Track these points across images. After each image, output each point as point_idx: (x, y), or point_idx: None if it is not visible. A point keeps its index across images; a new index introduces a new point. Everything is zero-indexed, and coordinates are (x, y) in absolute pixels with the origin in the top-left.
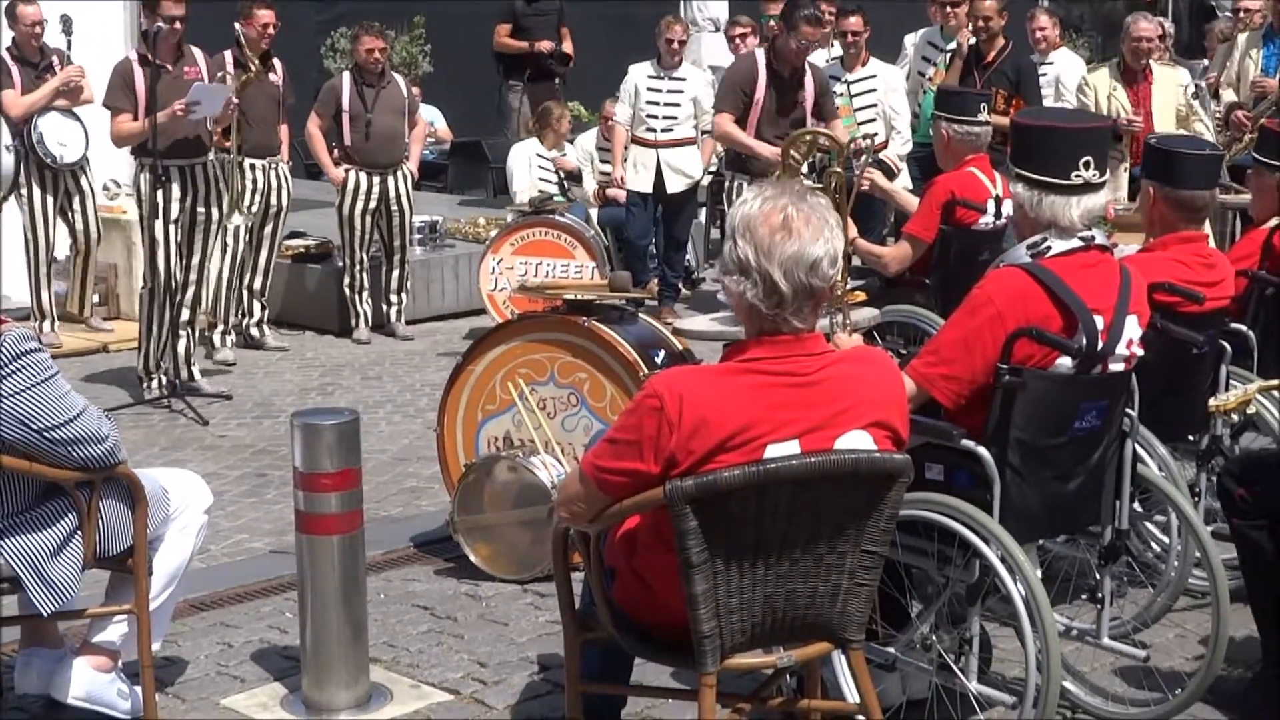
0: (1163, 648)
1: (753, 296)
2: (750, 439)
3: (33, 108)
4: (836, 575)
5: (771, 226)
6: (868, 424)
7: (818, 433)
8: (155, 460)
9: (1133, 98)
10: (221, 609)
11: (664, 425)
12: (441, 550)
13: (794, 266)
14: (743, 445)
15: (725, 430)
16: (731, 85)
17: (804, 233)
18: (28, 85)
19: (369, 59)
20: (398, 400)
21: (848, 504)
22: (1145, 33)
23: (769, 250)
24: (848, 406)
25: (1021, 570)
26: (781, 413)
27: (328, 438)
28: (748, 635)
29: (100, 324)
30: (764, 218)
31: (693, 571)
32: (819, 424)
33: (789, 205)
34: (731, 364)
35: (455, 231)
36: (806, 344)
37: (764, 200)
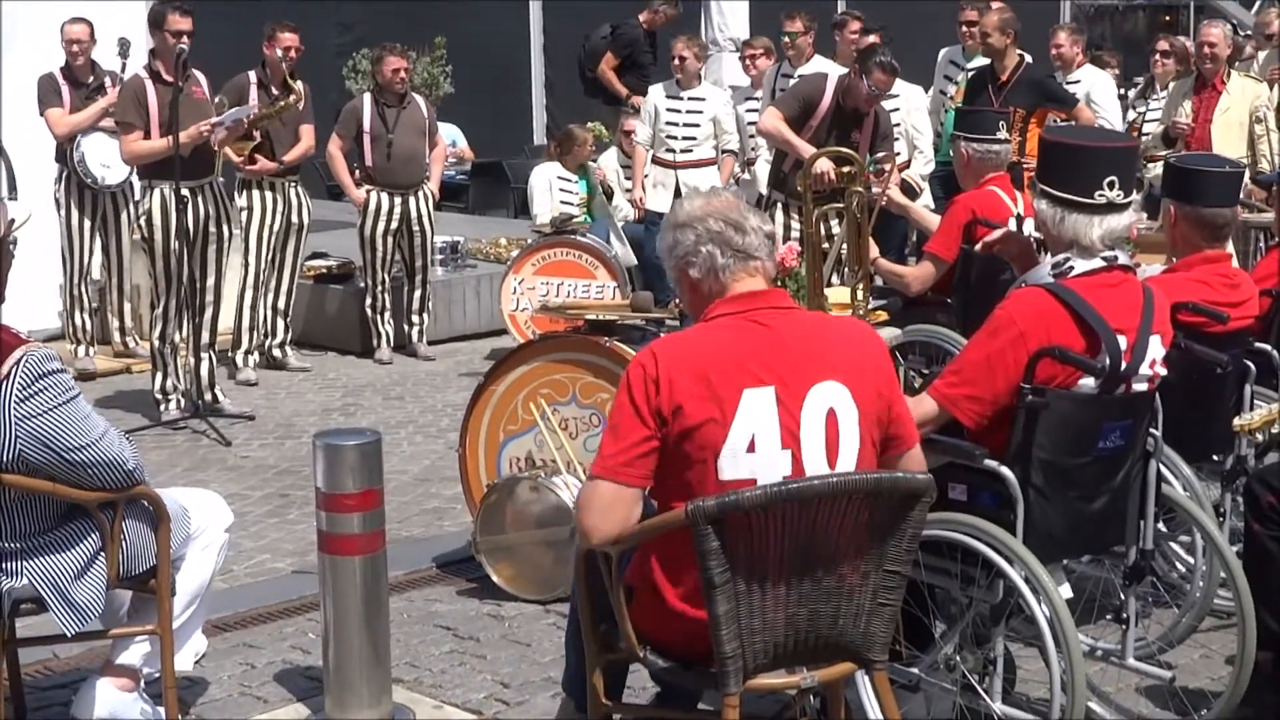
0: (1188, 668)
1: (708, 258)
2: (727, 385)
3: (77, 127)
4: (859, 595)
5: (703, 210)
6: (842, 376)
7: (792, 381)
8: (178, 481)
9: (1196, 104)
10: (244, 629)
11: (648, 384)
12: (464, 570)
13: (727, 225)
14: (720, 394)
15: (702, 376)
16: (796, 95)
17: (731, 207)
18: (77, 105)
19: (393, 79)
20: (419, 421)
21: (870, 523)
22: (1209, 39)
23: (704, 218)
24: (819, 355)
25: (1045, 591)
26: (754, 360)
27: (350, 458)
28: (770, 655)
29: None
30: (697, 209)
31: (715, 592)
32: (792, 371)
33: (714, 198)
34: (699, 324)
35: (477, 252)
36: (769, 298)
37: (697, 200)
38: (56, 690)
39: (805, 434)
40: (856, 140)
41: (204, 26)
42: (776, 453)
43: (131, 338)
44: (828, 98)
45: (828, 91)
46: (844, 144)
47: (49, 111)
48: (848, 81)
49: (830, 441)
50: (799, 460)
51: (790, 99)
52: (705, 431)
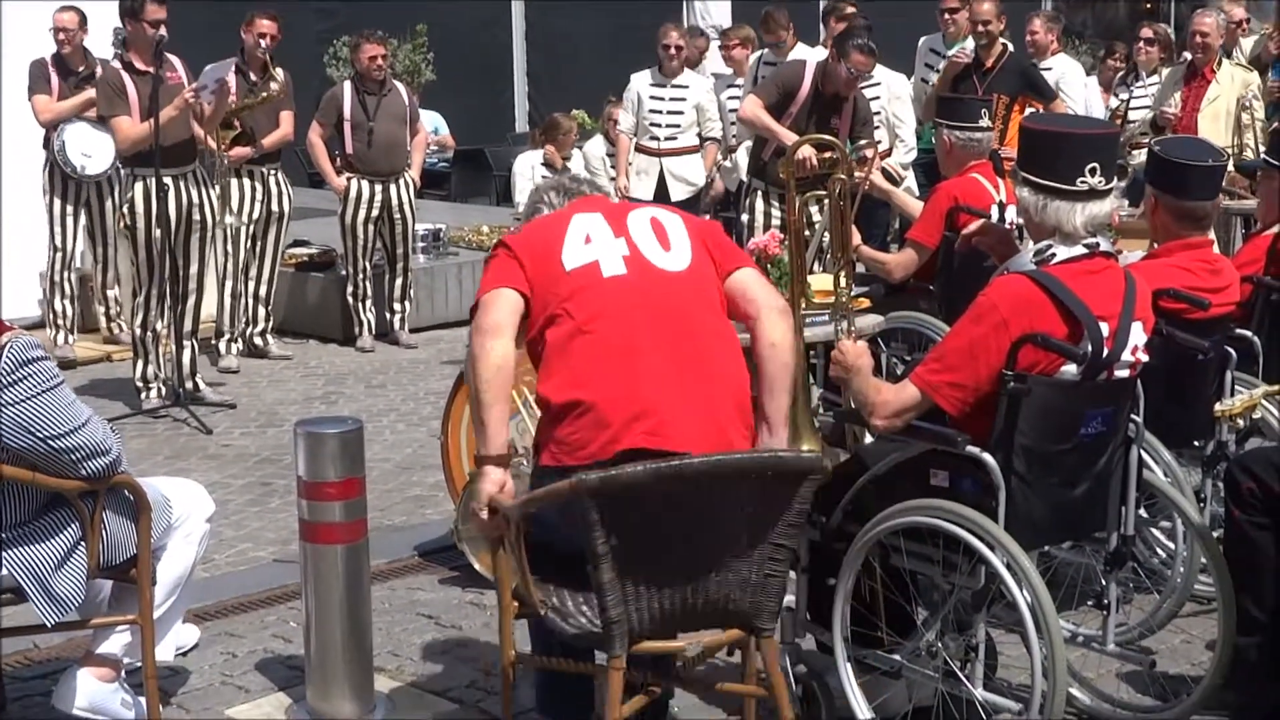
0: (1168, 653)
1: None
2: (557, 220)
3: (61, 115)
4: (746, 566)
5: None
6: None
7: (614, 212)
8: (159, 469)
9: (1185, 93)
10: (225, 618)
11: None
12: (446, 559)
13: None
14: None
15: (541, 221)
16: (775, 82)
17: None
18: (65, 93)
19: (370, 67)
20: (401, 409)
21: (750, 498)
22: (1201, 27)
23: None
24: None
25: (1027, 577)
26: (584, 204)
27: (331, 447)
28: (658, 621)
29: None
30: None
31: (599, 560)
32: (613, 209)
33: None
34: None
35: (459, 239)
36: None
37: None
38: (37, 680)
39: (633, 229)
40: (836, 126)
41: (183, 13)
42: (611, 240)
43: (117, 324)
44: (807, 84)
45: (807, 78)
46: (824, 130)
47: (35, 98)
48: (826, 66)
49: (659, 235)
50: (634, 245)
51: (770, 86)
52: (546, 247)
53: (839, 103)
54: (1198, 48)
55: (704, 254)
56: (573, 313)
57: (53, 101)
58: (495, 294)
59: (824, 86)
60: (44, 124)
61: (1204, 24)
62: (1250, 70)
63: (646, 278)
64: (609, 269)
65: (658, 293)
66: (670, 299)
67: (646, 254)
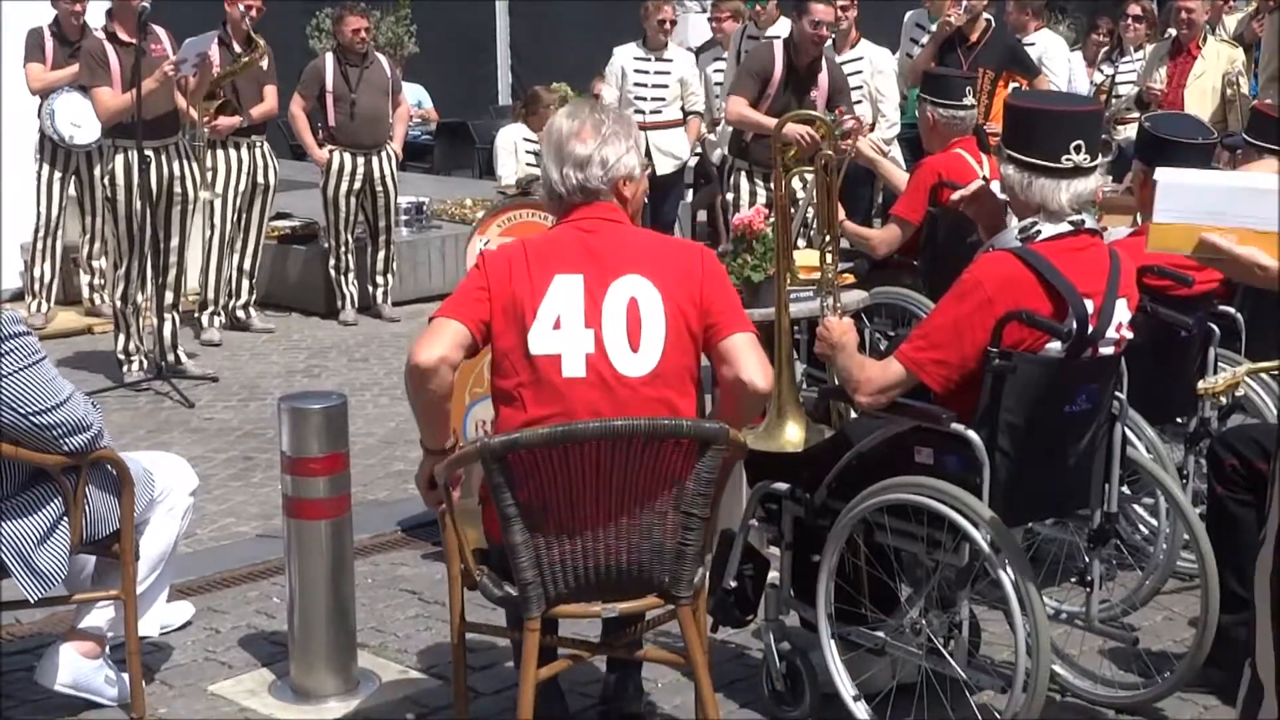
0: (1151, 630)
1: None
2: (542, 269)
3: (52, 85)
4: (658, 534)
5: (560, 136)
6: (647, 271)
7: (599, 272)
8: (141, 443)
9: (1171, 69)
10: (208, 594)
11: (484, 263)
12: (429, 534)
13: (569, 166)
14: (535, 275)
15: (523, 261)
16: (749, 73)
17: (581, 139)
18: (60, 62)
19: (354, 39)
20: (385, 383)
21: (656, 466)
22: (1186, 4)
23: (554, 154)
24: (628, 254)
25: (1011, 554)
26: (570, 252)
27: (315, 422)
28: (573, 586)
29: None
30: (560, 129)
31: (508, 523)
32: (600, 264)
33: (577, 117)
34: None
35: (442, 212)
36: (601, 209)
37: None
38: (19, 656)
39: (606, 318)
40: (814, 99)
41: None
42: (579, 330)
43: (99, 295)
44: (779, 63)
45: (777, 56)
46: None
47: (29, 66)
48: (793, 35)
49: (631, 327)
50: (600, 341)
51: (745, 79)
52: (520, 309)
53: (814, 74)
54: (1183, 24)
55: (682, 338)
56: (527, 404)
57: (45, 71)
58: (444, 325)
59: (797, 59)
60: (35, 92)
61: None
62: (1236, 46)
63: (603, 387)
64: (569, 368)
65: (610, 406)
66: (623, 413)
67: (611, 356)
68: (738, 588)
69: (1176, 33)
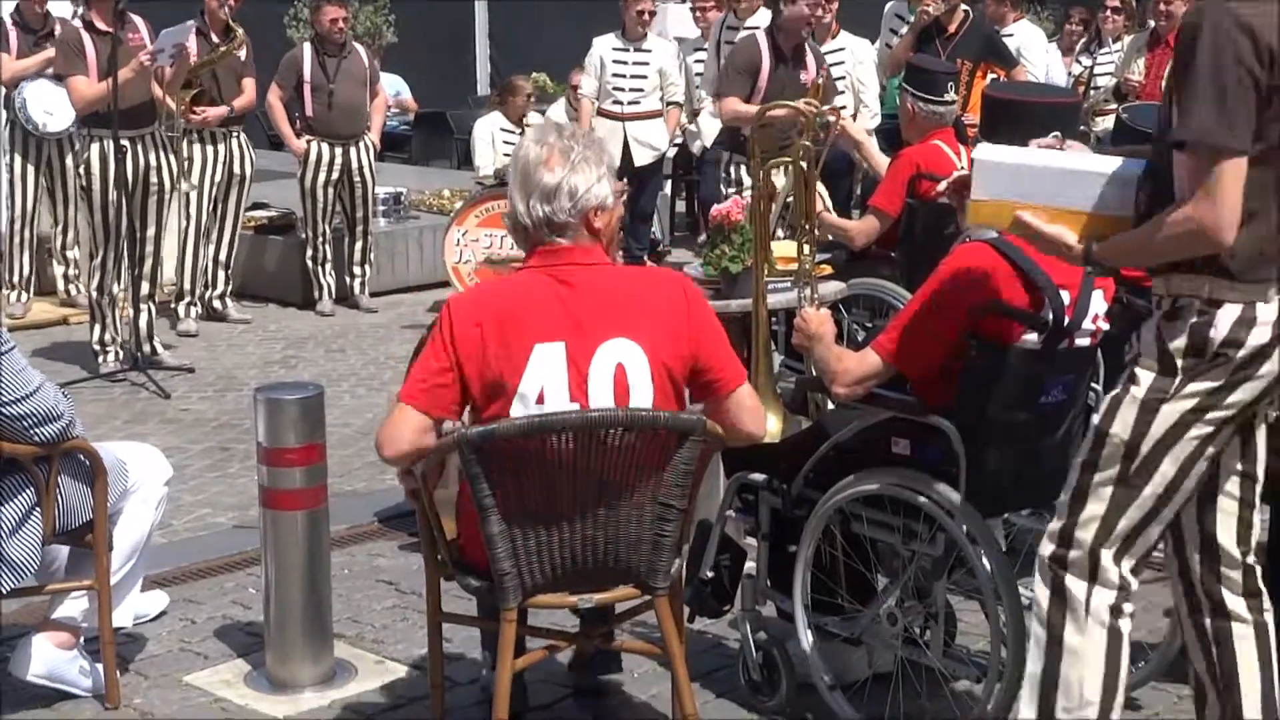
0: None
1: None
2: (520, 338)
3: (21, 73)
4: (636, 525)
5: (527, 163)
6: (633, 333)
7: (582, 338)
8: (116, 434)
9: (1149, 60)
10: (184, 584)
11: (452, 329)
12: (405, 525)
13: (535, 198)
14: (513, 346)
15: (498, 328)
16: (737, 70)
17: (548, 167)
18: (25, 51)
19: (332, 29)
20: (361, 373)
21: (633, 457)
22: None
23: (520, 184)
24: (612, 313)
25: (987, 544)
26: (549, 316)
27: (292, 412)
28: (550, 577)
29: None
30: (526, 156)
31: (485, 513)
32: (583, 328)
33: (544, 143)
34: (514, 274)
35: (419, 203)
36: (576, 254)
37: (533, 143)
38: None
39: (593, 388)
40: (807, 81)
41: None
42: (565, 405)
43: (75, 286)
44: (765, 53)
45: (762, 47)
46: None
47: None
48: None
49: (619, 395)
50: None
51: (735, 78)
52: (499, 382)
53: (800, 57)
54: (1161, 15)
55: (668, 394)
56: None
57: (12, 60)
58: (406, 416)
59: (784, 44)
60: (4, 82)
61: None
62: None
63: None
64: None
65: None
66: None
67: None
68: (714, 578)
69: (1155, 24)
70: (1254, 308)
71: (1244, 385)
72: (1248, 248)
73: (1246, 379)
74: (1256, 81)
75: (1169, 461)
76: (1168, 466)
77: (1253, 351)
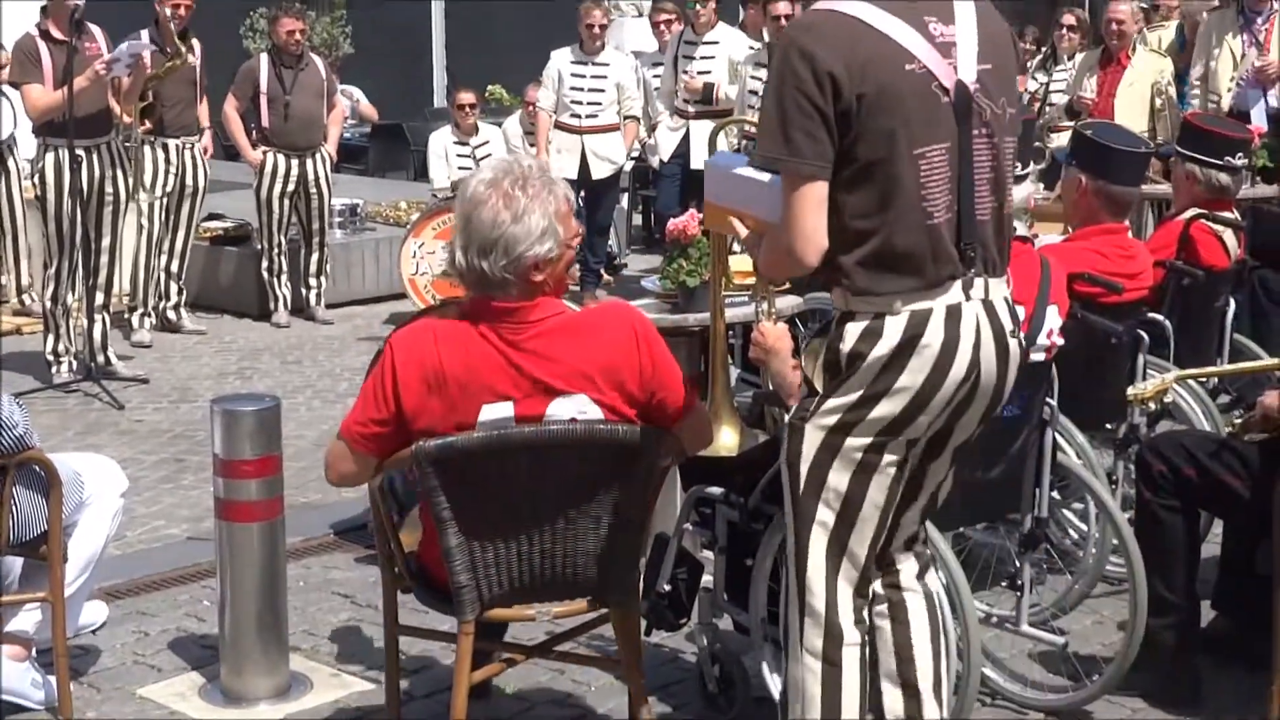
0: (1080, 634)
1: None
2: (466, 399)
3: None
4: (594, 539)
5: (470, 205)
6: (585, 388)
7: (530, 398)
8: (70, 445)
9: (1101, 78)
10: (137, 597)
11: (390, 381)
12: (361, 538)
13: (473, 251)
14: (459, 406)
15: (440, 385)
16: None
17: (491, 213)
18: None
19: (288, 41)
20: (317, 385)
21: (591, 471)
22: (1116, 15)
23: (460, 228)
24: (562, 369)
25: (942, 558)
26: (494, 378)
27: (248, 424)
28: (508, 589)
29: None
30: (473, 199)
31: (443, 526)
32: (531, 389)
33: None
34: (458, 322)
35: (376, 215)
36: (522, 311)
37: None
38: None
39: None
40: None
41: None
42: None
43: (28, 295)
44: None
45: None
46: None
47: None
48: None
49: None
50: None
51: None
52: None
53: None
54: (1114, 34)
55: None
56: None
57: None
58: (347, 456)
59: None
60: None
61: (1119, 12)
62: (1164, 56)
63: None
64: None
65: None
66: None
67: None
68: (671, 591)
69: (1107, 43)
70: (881, 320)
71: (882, 401)
72: (863, 266)
73: (882, 393)
74: (818, 108)
75: (835, 479)
76: (835, 485)
77: (878, 362)
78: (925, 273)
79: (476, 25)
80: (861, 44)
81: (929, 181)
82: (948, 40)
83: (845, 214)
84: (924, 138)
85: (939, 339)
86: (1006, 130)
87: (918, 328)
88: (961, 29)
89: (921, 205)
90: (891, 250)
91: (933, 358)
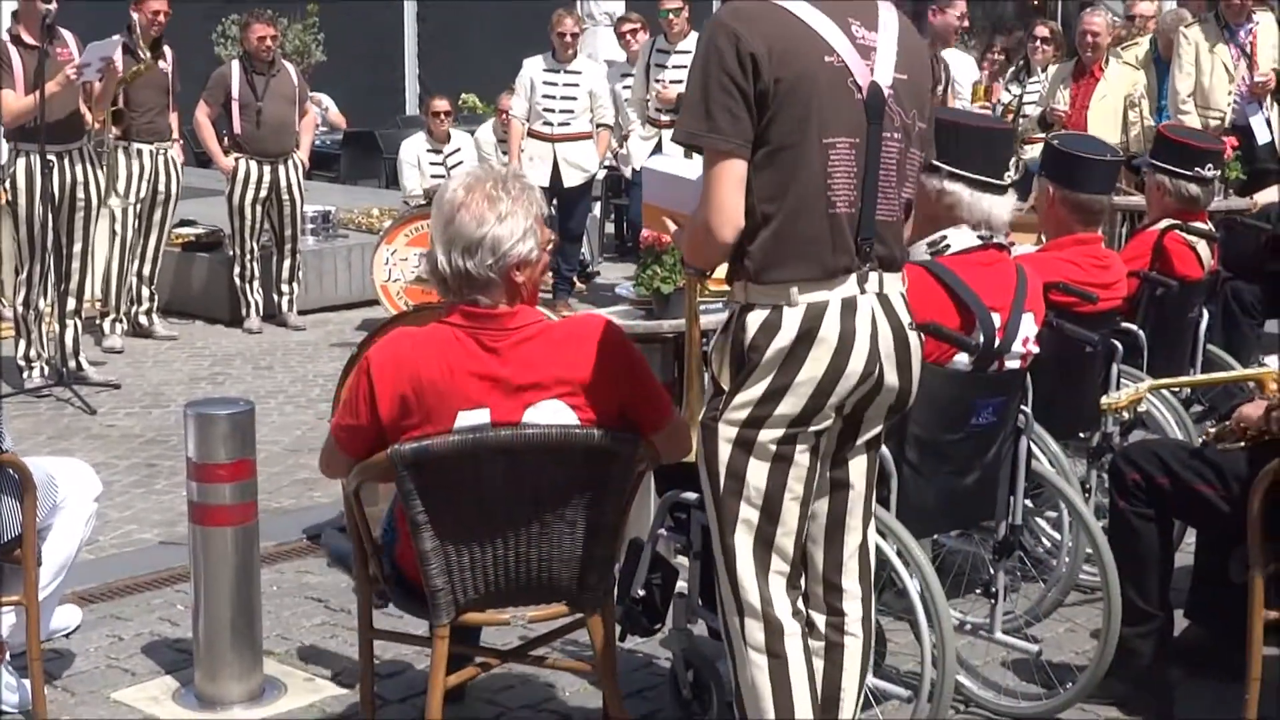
0: (1054, 642)
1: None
2: (441, 406)
3: None
4: (569, 543)
5: (450, 210)
6: (562, 394)
7: (506, 405)
8: (42, 449)
9: (1074, 91)
10: (111, 601)
11: (369, 389)
12: None
13: (456, 251)
14: (434, 414)
15: (416, 393)
16: None
17: (474, 215)
18: None
19: (259, 47)
20: (289, 390)
21: (566, 476)
22: (1091, 27)
23: (441, 230)
24: (539, 376)
25: (917, 565)
26: (470, 385)
27: (222, 428)
28: (483, 593)
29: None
30: (452, 201)
31: (418, 530)
32: (507, 396)
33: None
34: (435, 328)
35: (348, 221)
36: (502, 319)
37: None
38: None
39: None
40: None
41: None
42: None
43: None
44: None
45: None
46: None
47: None
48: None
49: None
50: None
51: None
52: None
53: None
54: (1087, 46)
55: None
56: None
57: None
58: (331, 451)
59: None
60: None
61: (1093, 23)
62: (1137, 69)
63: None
64: None
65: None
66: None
67: None
68: (646, 597)
69: (1080, 56)
70: (779, 312)
71: (787, 394)
72: (764, 249)
73: (786, 386)
74: (739, 87)
75: (754, 476)
76: (754, 481)
77: (779, 355)
78: (824, 260)
79: (449, 33)
80: (785, 31)
81: (835, 172)
82: (868, 44)
83: (753, 195)
84: (834, 128)
85: (835, 331)
86: (914, 142)
87: (814, 320)
88: (883, 36)
89: (826, 194)
90: (793, 233)
91: (831, 349)
